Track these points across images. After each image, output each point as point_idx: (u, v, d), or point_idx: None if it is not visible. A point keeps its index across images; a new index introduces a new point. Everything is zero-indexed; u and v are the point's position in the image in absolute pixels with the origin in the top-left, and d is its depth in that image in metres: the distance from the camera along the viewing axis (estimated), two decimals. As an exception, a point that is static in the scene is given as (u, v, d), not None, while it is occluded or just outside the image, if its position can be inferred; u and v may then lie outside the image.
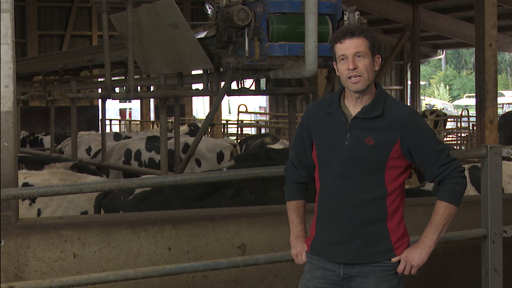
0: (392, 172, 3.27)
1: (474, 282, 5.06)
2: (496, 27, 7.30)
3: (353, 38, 3.24)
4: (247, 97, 29.12)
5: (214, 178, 4.35)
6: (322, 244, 3.33)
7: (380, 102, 3.28)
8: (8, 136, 4.33)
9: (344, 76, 3.26)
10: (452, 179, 3.30)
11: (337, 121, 3.29)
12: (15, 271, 4.39)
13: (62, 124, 19.97)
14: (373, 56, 3.27)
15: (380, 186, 3.25)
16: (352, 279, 3.29)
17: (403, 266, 3.28)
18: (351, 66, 3.22)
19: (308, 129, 3.40)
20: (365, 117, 3.25)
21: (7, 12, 4.31)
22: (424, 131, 3.30)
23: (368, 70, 3.23)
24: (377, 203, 3.25)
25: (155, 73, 7.74)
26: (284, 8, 5.46)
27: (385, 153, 3.24)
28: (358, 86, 3.24)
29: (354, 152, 3.24)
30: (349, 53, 3.23)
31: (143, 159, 10.22)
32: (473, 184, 6.53)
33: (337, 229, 3.28)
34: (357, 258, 3.27)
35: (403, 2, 21.12)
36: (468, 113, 19.47)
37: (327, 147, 3.30)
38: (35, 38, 22.11)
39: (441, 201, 3.31)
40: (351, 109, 3.30)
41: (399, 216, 3.32)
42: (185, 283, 4.67)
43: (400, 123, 3.24)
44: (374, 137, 3.23)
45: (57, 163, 8.26)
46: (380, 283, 3.27)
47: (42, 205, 6.21)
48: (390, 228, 3.27)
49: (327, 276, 3.32)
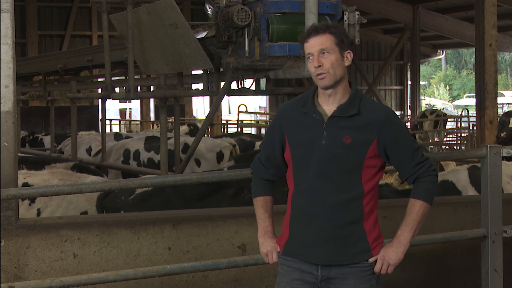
0: (369, 172, 3.27)
1: (474, 282, 5.05)
2: (496, 27, 7.30)
3: (318, 36, 3.23)
4: (247, 97, 29.12)
5: (214, 178, 4.34)
6: (298, 244, 3.30)
7: (356, 100, 3.27)
8: (8, 136, 4.33)
9: (313, 75, 3.26)
10: (427, 178, 3.30)
11: (312, 120, 3.27)
12: (15, 271, 4.39)
13: (62, 124, 19.98)
14: (341, 51, 3.25)
15: (357, 185, 3.24)
16: (331, 281, 3.27)
17: (380, 265, 3.27)
18: (315, 63, 3.22)
19: (281, 130, 3.37)
20: (342, 116, 3.24)
21: (7, 12, 4.31)
22: (401, 130, 3.30)
23: (334, 66, 3.22)
24: (355, 203, 3.24)
25: (155, 73, 7.75)
26: (284, 8, 5.46)
27: (362, 152, 3.23)
28: (325, 82, 3.22)
29: (331, 151, 3.22)
30: (314, 51, 3.23)
31: (142, 159, 10.23)
32: (473, 184, 6.53)
33: (315, 230, 3.25)
34: (335, 259, 3.25)
35: (403, 2, 21.14)
36: (468, 113, 19.47)
37: (303, 147, 3.28)
38: (35, 38, 22.12)
39: (416, 200, 3.30)
40: (326, 108, 3.28)
41: (374, 216, 3.31)
42: (185, 283, 4.67)
43: (378, 122, 3.24)
44: (351, 135, 3.22)
45: (58, 163, 8.26)
46: (359, 283, 3.26)
47: (41, 205, 6.20)
48: (366, 229, 3.26)
49: (305, 278, 3.29)
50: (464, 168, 6.79)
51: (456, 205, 5.27)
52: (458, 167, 7.15)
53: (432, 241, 4.64)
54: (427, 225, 5.02)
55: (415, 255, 5.04)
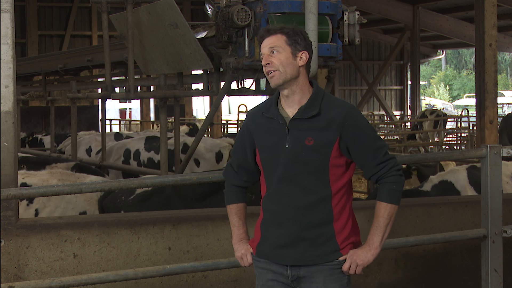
0: (336, 172, 3.25)
1: (474, 282, 5.06)
2: (496, 27, 7.30)
3: (270, 36, 3.25)
4: (247, 97, 29.10)
5: (214, 178, 4.34)
6: (268, 246, 3.31)
7: (316, 100, 3.25)
8: (8, 136, 4.33)
9: (266, 75, 3.26)
10: (389, 178, 3.26)
11: (276, 124, 3.27)
12: (15, 271, 4.39)
13: (62, 124, 19.98)
14: (294, 51, 3.23)
15: (324, 187, 3.23)
16: (301, 279, 3.28)
17: (348, 264, 3.25)
18: (263, 62, 3.23)
19: (250, 135, 3.37)
20: (303, 118, 3.22)
21: (7, 12, 4.31)
22: (362, 127, 3.25)
23: (284, 64, 3.21)
24: (322, 205, 3.23)
25: (155, 73, 7.74)
26: (284, 8, 5.46)
27: (326, 152, 3.21)
28: (274, 80, 3.22)
29: (295, 154, 3.21)
30: (264, 51, 3.24)
31: (142, 159, 10.23)
32: (472, 184, 6.54)
33: (283, 232, 3.26)
34: (303, 259, 3.25)
35: (403, 2, 21.16)
36: (468, 113, 19.47)
37: (269, 152, 3.28)
38: (35, 38, 22.13)
39: (381, 202, 3.27)
40: (288, 111, 3.27)
41: (346, 216, 3.28)
42: (185, 283, 4.68)
43: (338, 121, 3.21)
44: (314, 137, 3.20)
45: (59, 163, 8.26)
46: (329, 282, 3.26)
47: (39, 206, 6.19)
48: (336, 229, 3.25)
49: (278, 279, 3.32)
50: (463, 168, 6.79)
51: (456, 205, 5.28)
52: (457, 167, 7.15)
53: (432, 241, 4.64)
54: (427, 225, 5.04)
55: (415, 255, 5.05)
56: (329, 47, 5.50)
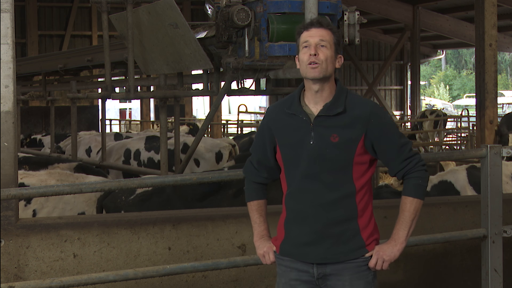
0: (359, 168, 3.26)
1: (474, 282, 5.06)
2: (496, 27, 7.30)
3: (320, 28, 3.24)
4: (247, 97, 29.12)
5: (214, 178, 4.35)
6: (293, 245, 3.31)
7: (341, 98, 3.26)
8: (8, 136, 4.33)
9: (305, 63, 3.23)
10: (415, 173, 3.29)
11: (299, 121, 3.27)
12: (15, 271, 4.39)
13: (62, 124, 19.98)
14: (336, 52, 3.26)
15: (348, 183, 3.24)
16: (327, 277, 3.27)
17: (375, 260, 3.26)
18: (312, 51, 3.21)
19: (270, 132, 3.37)
20: (328, 115, 3.23)
21: (7, 12, 4.31)
22: (388, 125, 3.28)
23: (328, 61, 3.22)
24: (346, 201, 3.24)
25: (155, 73, 7.74)
26: (284, 8, 5.46)
27: (351, 149, 3.22)
28: (315, 72, 3.21)
29: (319, 151, 3.21)
30: (313, 41, 3.22)
31: (142, 158, 10.24)
32: (471, 184, 6.54)
33: (307, 230, 3.25)
34: (329, 257, 3.25)
35: (403, 2, 21.15)
36: (468, 113, 19.48)
37: (292, 148, 3.28)
38: (35, 38, 22.11)
39: (407, 197, 3.29)
40: (312, 107, 3.28)
41: (369, 213, 3.30)
42: (185, 283, 4.68)
43: (364, 118, 3.23)
44: (339, 134, 3.21)
45: (61, 164, 8.25)
46: (355, 279, 3.26)
47: (37, 206, 6.17)
48: (361, 225, 3.26)
49: (302, 278, 3.30)
50: (462, 168, 6.79)
51: (456, 205, 5.28)
52: (457, 167, 7.15)
53: (432, 241, 4.64)
54: (427, 225, 5.04)
55: (415, 255, 5.04)
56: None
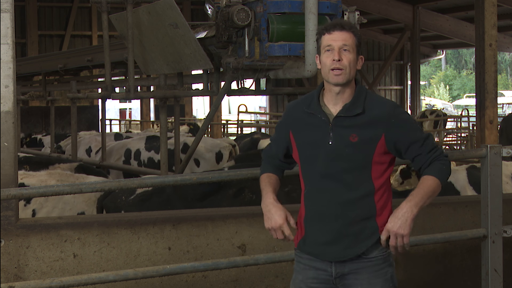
0: (378, 168, 3.27)
1: (474, 282, 5.06)
2: (496, 27, 7.30)
3: (343, 31, 3.23)
4: (247, 97, 29.12)
5: (214, 178, 4.35)
6: (312, 244, 3.32)
7: (360, 98, 3.27)
8: (8, 136, 4.33)
9: (327, 68, 3.24)
10: (440, 161, 3.29)
11: (318, 120, 3.28)
12: (15, 271, 4.39)
13: (62, 124, 19.97)
14: (357, 54, 3.27)
15: (367, 182, 3.24)
16: (345, 277, 3.28)
17: (393, 239, 3.15)
18: (336, 57, 3.21)
19: (287, 129, 3.39)
20: (347, 115, 3.24)
21: (7, 12, 4.31)
22: (408, 122, 3.29)
23: (351, 66, 3.22)
24: (365, 200, 3.24)
25: (155, 73, 7.74)
26: (284, 8, 5.46)
27: (370, 149, 3.23)
28: (339, 79, 3.22)
29: (338, 151, 3.23)
30: (336, 45, 3.22)
31: (142, 158, 10.24)
32: (471, 184, 6.54)
33: (326, 229, 3.26)
34: (346, 254, 3.25)
35: (403, 2, 21.13)
36: (468, 113, 19.48)
37: (310, 148, 3.29)
38: (35, 38, 22.10)
39: (429, 175, 3.24)
40: (331, 107, 3.29)
41: (388, 212, 3.29)
42: (185, 283, 4.68)
43: (383, 119, 3.24)
44: (358, 134, 3.22)
45: (62, 164, 8.25)
46: (372, 278, 3.26)
47: (37, 206, 6.17)
48: (379, 224, 3.25)
49: (320, 276, 3.31)
50: (462, 168, 6.79)
51: (456, 205, 5.28)
52: (457, 167, 7.15)
53: (432, 241, 4.65)
54: (427, 225, 5.04)
55: (415, 255, 5.04)
56: (315, 39, 5.49)
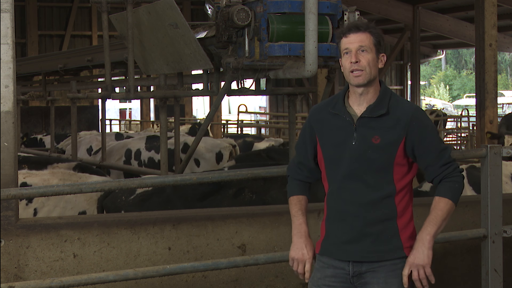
0: (400, 170, 3.29)
1: (474, 282, 5.06)
2: (496, 27, 7.31)
3: (358, 33, 3.25)
4: (247, 97, 29.12)
5: (214, 178, 4.34)
6: (332, 243, 3.34)
7: (385, 100, 3.29)
8: (8, 136, 4.33)
9: (347, 70, 3.27)
10: (453, 178, 3.30)
11: (343, 121, 3.30)
12: (15, 271, 4.39)
13: (62, 124, 19.96)
14: (377, 53, 3.28)
15: (389, 184, 3.26)
16: (362, 275, 3.30)
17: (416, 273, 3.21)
18: (353, 59, 3.23)
19: (312, 132, 3.41)
20: (371, 116, 3.26)
21: (7, 12, 4.31)
22: (429, 128, 3.30)
23: (370, 65, 3.24)
24: (386, 201, 3.26)
25: (155, 73, 7.74)
26: (284, 8, 5.45)
27: (392, 151, 3.25)
28: (360, 80, 3.24)
29: (361, 152, 3.25)
30: (352, 47, 3.24)
31: (142, 158, 10.24)
32: (471, 184, 6.54)
33: (347, 228, 3.29)
34: (366, 256, 3.27)
35: (403, 2, 21.12)
36: (468, 113, 19.49)
37: (334, 148, 3.31)
38: (35, 38, 22.09)
39: (441, 197, 3.28)
40: (356, 109, 3.31)
41: (409, 214, 3.32)
42: (185, 283, 4.68)
43: (405, 121, 3.25)
44: (381, 135, 3.24)
45: (60, 164, 8.26)
46: (389, 277, 3.27)
47: (38, 205, 6.18)
48: (400, 226, 3.28)
49: (338, 274, 3.33)
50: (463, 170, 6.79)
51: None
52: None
53: (432, 241, 4.63)
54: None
55: (415, 255, 5.03)
56: (329, 47, 5.50)
